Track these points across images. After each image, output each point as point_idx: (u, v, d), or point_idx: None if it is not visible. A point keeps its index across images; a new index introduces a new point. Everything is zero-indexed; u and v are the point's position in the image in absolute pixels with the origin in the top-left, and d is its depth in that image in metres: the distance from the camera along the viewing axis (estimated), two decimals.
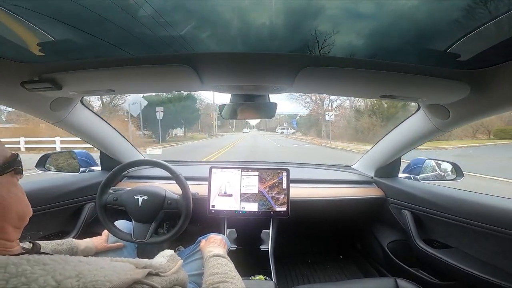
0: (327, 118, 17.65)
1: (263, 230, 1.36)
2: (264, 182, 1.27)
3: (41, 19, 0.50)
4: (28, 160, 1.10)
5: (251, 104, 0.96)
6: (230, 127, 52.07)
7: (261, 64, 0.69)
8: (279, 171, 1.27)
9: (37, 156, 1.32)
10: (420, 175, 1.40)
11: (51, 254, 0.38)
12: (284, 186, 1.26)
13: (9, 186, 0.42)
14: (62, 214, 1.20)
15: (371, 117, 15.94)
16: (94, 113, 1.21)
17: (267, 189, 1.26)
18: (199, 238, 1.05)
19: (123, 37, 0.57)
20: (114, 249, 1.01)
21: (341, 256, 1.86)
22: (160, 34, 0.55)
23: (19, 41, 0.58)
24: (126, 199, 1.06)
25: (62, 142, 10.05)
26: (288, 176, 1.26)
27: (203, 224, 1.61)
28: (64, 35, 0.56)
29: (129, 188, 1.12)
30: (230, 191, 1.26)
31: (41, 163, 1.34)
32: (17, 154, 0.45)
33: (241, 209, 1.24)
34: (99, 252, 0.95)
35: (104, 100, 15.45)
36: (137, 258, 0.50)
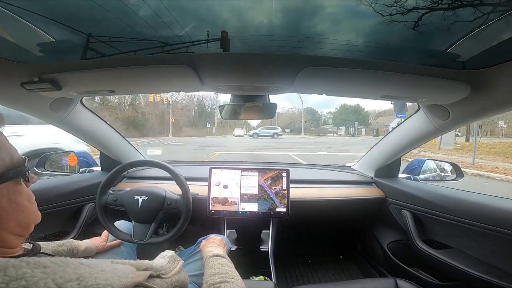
0: None
1: (263, 231, 1.36)
2: (264, 177, 1.27)
3: (41, 20, 0.50)
4: None
5: (251, 105, 0.96)
6: (208, 125, 32.78)
7: (261, 64, 0.69)
8: (279, 171, 1.27)
9: None
10: (420, 176, 1.40)
11: (52, 256, 0.38)
12: (284, 186, 1.26)
13: (10, 195, 0.40)
14: (62, 215, 1.20)
15: None
16: (94, 113, 1.21)
17: (268, 182, 1.26)
18: (199, 238, 1.05)
19: (123, 38, 0.57)
20: (113, 247, 1.01)
21: (341, 256, 1.86)
22: (159, 34, 0.55)
23: (19, 41, 0.58)
24: (126, 200, 1.06)
25: None
26: (288, 176, 1.26)
27: (203, 224, 1.60)
28: (64, 35, 0.56)
29: (129, 189, 1.12)
30: (230, 192, 1.26)
31: (41, 164, 1.34)
32: (25, 159, 0.43)
33: (241, 210, 1.24)
34: (99, 252, 0.95)
35: None
36: (137, 259, 0.50)
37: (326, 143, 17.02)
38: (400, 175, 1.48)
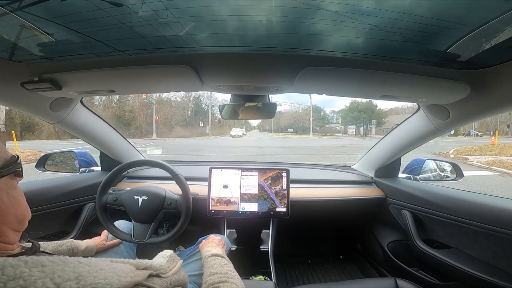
0: None
1: (263, 230, 1.36)
2: (264, 177, 1.27)
3: (40, 20, 0.50)
4: None
5: (251, 104, 0.96)
6: (201, 124, 29.41)
7: (261, 64, 0.69)
8: (279, 171, 1.27)
9: None
10: (420, 175, 1.40)
11: (50, 255, 0.38)
12: (284, 186, 1.26)
13: (8, 189, 0.41)
14: (62, 214, 1.20)
15: None
16: (94, 113, 1.21)
17: (268, 182, 1.26)
18: (199, 238, 1.05)
19: (122, 38, 0.57)
20: (112, 246, 1.02)
21: (341, 256, 1.86)
22: (159, 34, 0.55)
23: (19, 41, 0.58)
24: (126, 199, 1.06)
25: None
26: (288, 176, 1.26)
27: (203, 224, 1.61)
28: (64, 35, 0.56)
29: (129, 188, 1.12)
30: (230, 192, 1.26)
31: (41, 163, 1.34)
32: (17, 156, 0.44)
33: (241, 210, 1.24)
34: (98, 252, 0.96)
35: None
36: (137, 258, 0.50)
37: (359, 148, 11.79)
38: (400, 175, 1.47)
